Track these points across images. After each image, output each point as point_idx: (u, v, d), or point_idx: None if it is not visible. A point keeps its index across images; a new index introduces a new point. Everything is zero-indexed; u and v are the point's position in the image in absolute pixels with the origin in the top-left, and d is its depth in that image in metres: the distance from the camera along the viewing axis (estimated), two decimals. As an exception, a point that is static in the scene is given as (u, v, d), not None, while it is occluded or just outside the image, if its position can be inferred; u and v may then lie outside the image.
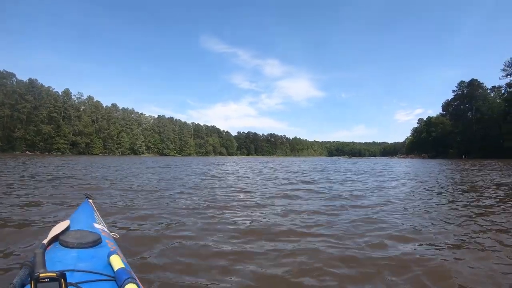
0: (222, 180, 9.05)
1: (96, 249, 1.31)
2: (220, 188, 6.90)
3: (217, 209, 4.36)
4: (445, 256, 2.49)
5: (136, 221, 3.53)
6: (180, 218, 3.71)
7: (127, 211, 4.09)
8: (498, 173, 12.40)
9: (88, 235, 1.41)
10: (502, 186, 7.59)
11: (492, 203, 5.06)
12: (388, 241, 2.81)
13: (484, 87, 68.38)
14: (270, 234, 3.06)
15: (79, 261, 1.17)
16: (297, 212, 4.18)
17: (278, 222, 3.59)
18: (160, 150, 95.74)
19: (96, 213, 2.04)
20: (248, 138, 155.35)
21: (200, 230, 3.21)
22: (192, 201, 5.02)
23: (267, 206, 4.67)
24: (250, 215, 4.06)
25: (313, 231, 3.20)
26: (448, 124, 74.44)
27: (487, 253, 2.57)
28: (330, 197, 5.63)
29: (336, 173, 12.92)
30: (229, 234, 3.07)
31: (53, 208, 4.12)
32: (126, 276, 1.04)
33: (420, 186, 7.88)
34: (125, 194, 5.64)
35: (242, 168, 17.20)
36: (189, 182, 8.17)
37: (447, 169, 16.14)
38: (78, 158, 36.31)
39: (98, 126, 79.19)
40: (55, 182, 7.27)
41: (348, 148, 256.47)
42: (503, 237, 3.03)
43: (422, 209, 4.47)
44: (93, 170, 12.39)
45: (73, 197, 4.95)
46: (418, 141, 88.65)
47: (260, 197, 5.64)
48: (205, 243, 2.77)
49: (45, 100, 67.98)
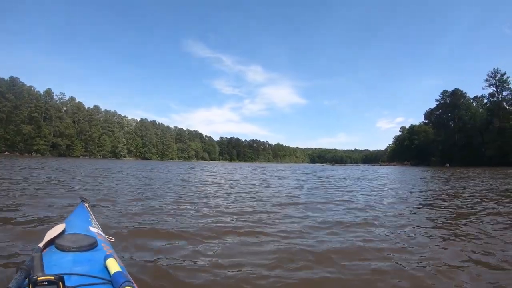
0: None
1: (92, 253, 1.32)
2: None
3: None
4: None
5: (132, 225, 3.66)
6: (177, 223, 3.86)
7: (122, 215, 4.24)
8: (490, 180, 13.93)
9: (84, 238, 1.41)
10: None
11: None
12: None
13: (466, 97, 70.95)
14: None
15: (75, 264, 1.17)
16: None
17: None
18: (142, 154, 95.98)
19: (92, 217, 2.04)
20: (230, 143, 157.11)
21: (197, 235, 3.34)
22: (189, 210, 5.02)
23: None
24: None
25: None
26: (430, 132, 77.19)
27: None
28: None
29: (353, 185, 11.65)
30: (224, 239, 3.22)
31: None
32: (123, 280, 1.05)
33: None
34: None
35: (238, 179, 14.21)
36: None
37: (439, 177, 17.38)
38: (59, 160, 36.46)
39: (79, 127, 78.99)
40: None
41: (330, 155, 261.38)
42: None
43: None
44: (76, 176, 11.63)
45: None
46: (400, 149, 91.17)
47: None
48: (203, 249, 2.87)
49: (26, 99, 67.31)
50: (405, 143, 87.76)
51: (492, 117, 60.37)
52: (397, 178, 17.60)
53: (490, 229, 3.95)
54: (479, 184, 12.07)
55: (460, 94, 70.84)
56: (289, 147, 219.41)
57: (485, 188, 10.23)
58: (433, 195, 8.16)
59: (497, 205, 6.17)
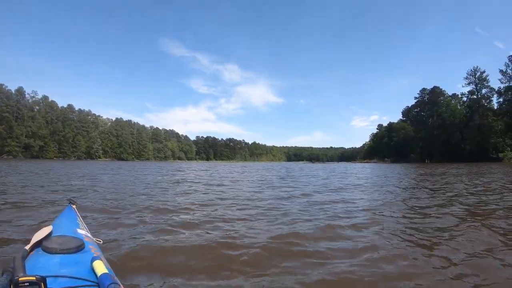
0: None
1: (79, 255, 1.30)
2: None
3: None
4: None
5: (120, 227, 3.65)
6: (164, 226, 3.77)
7: (110, 217, 4.24)
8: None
9: (71, 240, 1.40)
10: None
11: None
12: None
13: (445, 94, 72.39)
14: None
15: (62, 266, 1.16)
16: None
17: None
18: (118, 155, 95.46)
19: (80, 219, 2.00)
20: (207, 142, 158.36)
21: (187, 237, 3.34)
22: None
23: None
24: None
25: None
26: (409, 129, 78.52)
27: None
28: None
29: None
30: (214, 238, 3.22)
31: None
32: (109, 282, 1.05)
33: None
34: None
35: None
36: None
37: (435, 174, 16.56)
38: (31, 162, 35.92)
39: (52, 128, 77.93)
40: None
41: (307, 153, 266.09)
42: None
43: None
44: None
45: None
46: (378, 146, 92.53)
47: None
48: (193, 248, 2.88)
49: (-4, 98, 65.88)
50: (384, 140, 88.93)
51: (472, 114, 62.67)
52: (393, 175, 16.10)
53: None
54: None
55: (439, 92, 72.41)
56: (265, 146, 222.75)
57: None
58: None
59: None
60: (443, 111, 69.91)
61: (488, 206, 5.38)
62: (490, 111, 61.54)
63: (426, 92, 76.41)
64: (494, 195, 6.86)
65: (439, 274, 2.35)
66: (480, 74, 64.37)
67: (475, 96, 65.49)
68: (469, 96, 67.16)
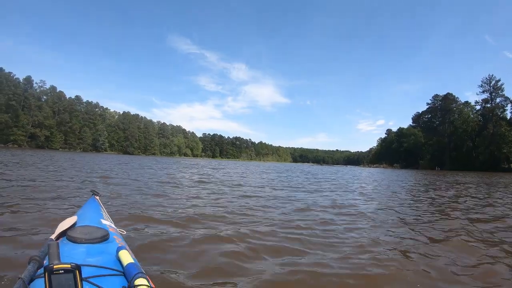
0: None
1: (104, 245, 1.34)
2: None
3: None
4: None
5: (142, 221, 3.75)
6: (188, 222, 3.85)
7: (133, 209, 4.37)
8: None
9: (96, 230, 1.42)
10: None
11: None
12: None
13: (458, 101, 71.21)
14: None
15: (88, 256, 1.19)
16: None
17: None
18: (124, 148, 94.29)
19: (103, 209, 2.06)
20: (213, 140, 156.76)
21: (207, 230, 3.45)
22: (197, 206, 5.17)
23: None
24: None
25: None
26: (419, 135, 76.63)
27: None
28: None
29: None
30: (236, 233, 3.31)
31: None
32: (136, 271, 1.07)
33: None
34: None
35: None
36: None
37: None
38: (37, 152, 35.25)
39: (59, 118, 76.70)
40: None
41: (312, 155, 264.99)
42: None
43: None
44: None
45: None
46: (386, 151, 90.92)
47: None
48: (212, 242, 2.94)
49: (4, 86, 64.49)
50: (393, 145, 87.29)
51: (486, 123, 61.62)
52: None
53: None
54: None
55: (452, 99, 71.47)
56: (272, 146, 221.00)
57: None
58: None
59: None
60: (455, 119, 68.84)
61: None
62: (504, 121, 60.34)
63: (439, 98, 75.05)
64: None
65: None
66: (495, 82, 62.97)
67: (489, 105, 63.89)
68: (483, 104, 65.82)
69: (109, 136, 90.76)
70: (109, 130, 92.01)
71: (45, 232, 2.89)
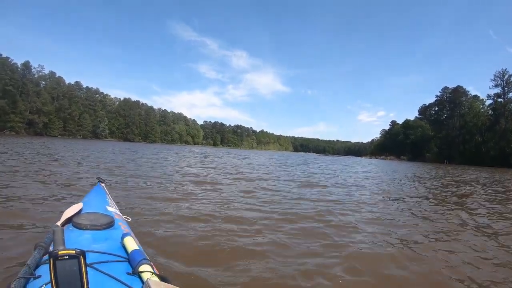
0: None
1: (109, 231, 1.35)
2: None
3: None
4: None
5: (149, 208, 3.77)
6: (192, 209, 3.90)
7: (139, 198, 4.36)
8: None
9: (102, 217, 1.43)
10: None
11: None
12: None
13: (468, 95, 69.68)
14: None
15: (93, 242, 1.20)
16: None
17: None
18: (124, 135, 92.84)
19: (109, 196, 2.08)
20: (214, 128, 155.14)
21: (212, 218, 3.47)
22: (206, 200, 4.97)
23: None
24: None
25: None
26: (427, 128, 75.16)
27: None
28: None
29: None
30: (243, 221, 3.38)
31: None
32: (141, 258, 1.08)
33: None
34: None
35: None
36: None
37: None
38: (35, 139, 33.95)
39: (58, 104, 74.95)
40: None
41: (313, 145, 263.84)
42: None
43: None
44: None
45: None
46: (391, 143, 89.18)
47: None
48: (219, 232, 2.95)
49: (1, 71, 62.53)
50: (399, 137, 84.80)
51: (497, 117, 60.22)
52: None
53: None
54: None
55: (462, 92, 69.68)
56: (273, 134, 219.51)
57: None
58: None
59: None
60: (465, 112, 67.14)
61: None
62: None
63: (448, 91, 72.74)
64: None
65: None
66: (508, 77, 60.88)
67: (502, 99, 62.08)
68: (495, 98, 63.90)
69: (109, 123, 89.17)
70: (109, 116, 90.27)
71: (51, 218, 2.86)
